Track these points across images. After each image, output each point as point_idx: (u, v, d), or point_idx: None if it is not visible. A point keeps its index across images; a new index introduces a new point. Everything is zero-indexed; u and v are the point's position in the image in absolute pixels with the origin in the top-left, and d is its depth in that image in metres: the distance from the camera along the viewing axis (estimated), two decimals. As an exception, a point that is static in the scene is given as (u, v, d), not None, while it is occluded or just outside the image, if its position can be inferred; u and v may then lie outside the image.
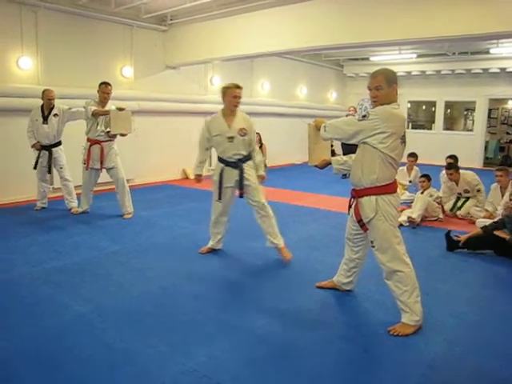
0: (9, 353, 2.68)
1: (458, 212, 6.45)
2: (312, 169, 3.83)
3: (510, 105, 14.64)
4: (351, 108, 11.40)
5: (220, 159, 4.38)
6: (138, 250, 4.66)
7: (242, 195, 4.33)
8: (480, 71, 12.07)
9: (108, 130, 5.72)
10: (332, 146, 3.97)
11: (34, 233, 5.21)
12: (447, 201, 6.65)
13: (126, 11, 7.84)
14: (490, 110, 13.48)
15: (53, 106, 6.03)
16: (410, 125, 14.40)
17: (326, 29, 6.43)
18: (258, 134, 11.03)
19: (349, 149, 5.18)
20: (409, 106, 14.26)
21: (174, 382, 2.41)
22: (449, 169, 6.51)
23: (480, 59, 11.48)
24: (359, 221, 3.10)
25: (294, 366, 2.59)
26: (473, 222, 5.92)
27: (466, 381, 2.51)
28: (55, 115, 6.03)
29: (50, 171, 6.16)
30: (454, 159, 7.21)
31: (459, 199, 6.58)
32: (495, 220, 4.93)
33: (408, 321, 2.99)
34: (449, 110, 14.71)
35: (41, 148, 6.05)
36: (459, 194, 6.57)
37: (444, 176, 6.96)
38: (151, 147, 8.83)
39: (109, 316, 3.17)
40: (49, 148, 6.07)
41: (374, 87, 2.96)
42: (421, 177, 6.47)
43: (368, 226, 3.05)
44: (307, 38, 6.67)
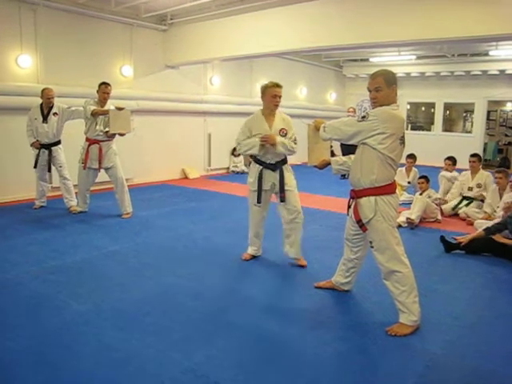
0: (7, 352, 2.68)
1: (461, 211, 6.45)
2: (311, 169, 3.84)
3: (509, 107, 14.67)
4: (350, 109, 11.40)
5: (258, 161, 4.16)
6: (137, 250, 4.67)
7: (283, 199, 4.09)
8: (479, 73, 12.10)
9: (107, 129, 5.72)
10: (331, 146, 3.97)
11: (32, 232, 5.21)
12: (454, 197, 6.66)
13: (125, 10, 7.85)
14: (488, 112, 13.49)
15: (52, 104, 6.02)
16: (409, 126, 14.42)
17: (325, 29, 6.44)
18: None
19: (348, 149, 5.19)
20: (408, 107, 14.28)
21: (172, 381, 2.41)
22: (473, 156, 6.65)
23: (479, 61, 11.49)
24: (358, 221, 3.11)
25: (292, 366, 2.60)
26: (471, 224, 5.94)
27: (464, 381, 2.51)
28: (55, 114, 6.03)
29: (50, 170, 6.17)
30: (452, 161, 7.24)
31: (463, 200, 6.59)
32: (498, 222, 4.93)
33: (406, 321, 2.99)
34: (448, 112, 14.73)
35: (40, 147, 6.05)
36: (470, 189, 6.58)
37: (445, 174, 7.02)
38: (150, 146, 8.83)
39: (108, 315, 3.17)
40: (48, 147, 6.07)
41: (374, 89, 2.97)
42: (420, 178, 6.49)
43: (367, 227, 3.06)
44: (307, 38, 6.68)
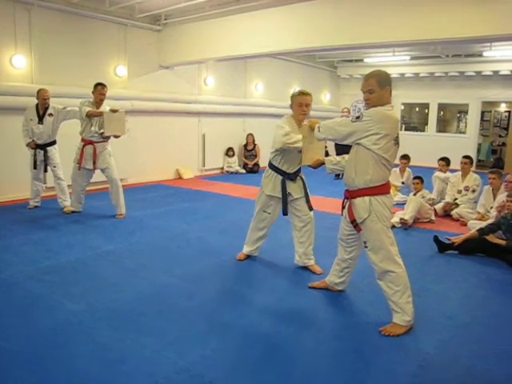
0: (1, 352, 2.67)
1: (453, 212, 6.49)
2: (305, 169, 3.86)
3: (503, 107, 14.75)
4: (345, 109, 11.43)
5: (277, 169, 3.96)
6: (131, 250, 4.66)
7: (311, 208, 4.05)
8: (473, 74, 12.15)
9: (102, 131, 5.71)
10: (326, 146, 3.97)
11: (27, 232, 5.19)
12: (451, 198, 6.71)
13: (120, 10, 7.82)
14: (482, 113, 13.56)
15: (48, 105, 6.01)
16: (403, 127, 14.47)
17: (320, 30, 6.45)
18: (251, 134, 11.17)
19: (342, 149, 5.19)
20: (402, 107, 14.31)
21: (167, 381, 2.41)
22: (465, 158, 6.71)
23: (473, 62, 11.55)
24: (352, 221, 3.12)
25: (286, 366, 2.61)
26: (464, 224, 5.98)
27: (458, 381, 2.52)
28: (50, 115, 6.01)
29: (46, 170, 6.17)
30: (446, 161, 7.27)
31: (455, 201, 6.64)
32: (491, 222, 4.97)
33: (399, 321, 3.01)
34: (442, 113, 14.78)
35: (35, 147, 6.03)
36: (459, 192, 6.63)
37: (439, 175, 7.05)
38: (145, 147, 8.80)
39: (102, 315, 3.16)
40: (43, 147, 6.06)
41: (366, 90, 2.99)
42: (414, 178, 6.52)
43: (361, 227, 3.07)
44: (301, 39, 6.69)
